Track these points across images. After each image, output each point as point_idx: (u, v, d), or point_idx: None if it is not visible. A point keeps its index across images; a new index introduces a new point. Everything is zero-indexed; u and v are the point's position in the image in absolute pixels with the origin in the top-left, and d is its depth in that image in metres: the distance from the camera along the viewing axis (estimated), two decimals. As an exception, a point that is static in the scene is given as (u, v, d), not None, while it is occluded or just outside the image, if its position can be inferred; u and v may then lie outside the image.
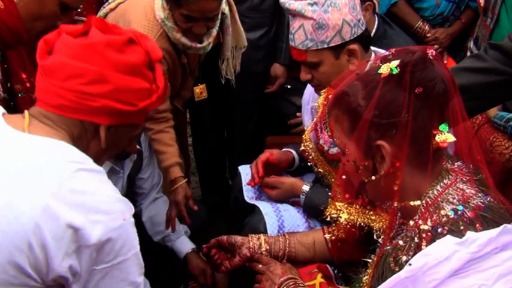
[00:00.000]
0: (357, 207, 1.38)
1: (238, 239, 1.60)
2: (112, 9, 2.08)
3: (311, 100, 1.85)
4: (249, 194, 1.89)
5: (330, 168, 1.63)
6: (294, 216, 1.75)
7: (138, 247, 1.05)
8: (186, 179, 1.99)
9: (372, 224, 1.35)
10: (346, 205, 1.40)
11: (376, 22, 2.24)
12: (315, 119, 1.65)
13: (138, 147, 1.85)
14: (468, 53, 2.24)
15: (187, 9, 1.80)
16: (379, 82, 0.98)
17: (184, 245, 2.02)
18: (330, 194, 1.50)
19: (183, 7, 1.80)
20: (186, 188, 1.97)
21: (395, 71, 0.97)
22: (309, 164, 1.78)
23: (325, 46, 1.55)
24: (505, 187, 1.53)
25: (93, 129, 1.09)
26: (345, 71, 1.18)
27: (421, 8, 2.67)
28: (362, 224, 1.38)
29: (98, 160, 1.12)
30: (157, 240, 2.04)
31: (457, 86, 0.98)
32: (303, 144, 1.73)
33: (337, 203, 1.42)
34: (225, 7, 2.04)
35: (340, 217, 1.41)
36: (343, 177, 1.09)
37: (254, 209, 1.81)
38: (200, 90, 2.21)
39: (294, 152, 1.95)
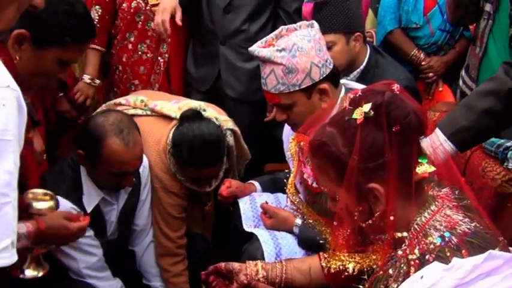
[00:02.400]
0: (358, 253, 1.39)
1: (236, 265, 1.61)
2: None
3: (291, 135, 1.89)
4: (247, 223, 1.92)
5: (319, 218, 1.66)
6: (292, 244, 1.77)
7: (15, 140, 0.89)
8: None
9: (377, 263, 1.35)
10: (348, 254, 1.41)
11: (368, 52, 2.29)
12: (293, 169, 1.69)
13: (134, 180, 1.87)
14: (460, 81, 2.29)
15: (190, 175, 1.95)
16: (357, 127, 1.01)
17: None
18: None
19: (186, 173, 1.95)
20: None
21: (370, 114, 1.00)
22: (297, 216, 1.80)
23: (297, 88, 1.61)
24: (498, 212, 1.55)
25: None
26: (314, 114, 1.21)
27: (416, 36, 2.73)
28: (369, 267, 1.39)
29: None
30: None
31: (427, 116, 1.02)
32: (288, 198, 1.77)
33: (340, 255, 1.43)
34: (230, 139, 2.10)
35: (348, 268, 1.42)
36: (335, 223, 1.10)
37: (252, 236, 1.83)
38: (208, 208, 2.29)
39: (256, 185, 2.05)
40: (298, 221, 1.77)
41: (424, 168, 1.01)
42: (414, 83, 2.33)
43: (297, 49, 1.59)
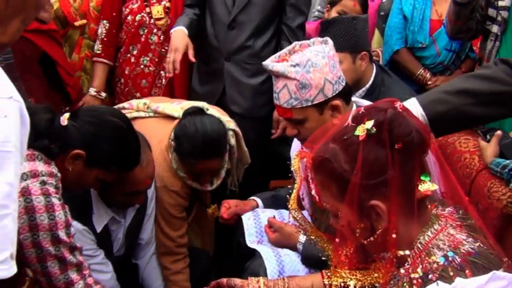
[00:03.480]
0: (360, 270, 1.37)
1: (238, 281, 1.60)
2: None
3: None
4: (250, 238, 1.91)
5: (321, 234, 1.65)
6: (295, 262, 1.75)
7: (16, 152, 0.88)
8: None
9: (378, 281, 1.34)
10: (349, 271, 1.40)
11: (374, 71, 2.30)
12: (296, 186, 1.68)
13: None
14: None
15: (191, 168, 1.96)
16: (359, 144, 1.01)
17: None
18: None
19: (188, 166, 1.96)
20: None
21: (372, 131, 1.00)
22: (300, 233, 1.78)
23: (309, 104, 1.62)
24: (503, 233, 1.53)
25: None
26: (319, 129, 1.21)
27: (422, 56, 2.75)
28: (370, 285, 1.38)
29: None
30: None
31: (430, 134, 1.02)
32: (291, 215, 1.76)
33: (341, 271, 1.42)
34: (232, 140, 2.12)
35: (349, 285, 1.41)
36: (337, 240, 1.09)
37: (255, 253, 1.82)
38: (212, 211, 2.28)
39: (258, 201, 2.04)
40: (302, 238, 1.75)
41: (426, 186, 1.00)
42: (420, 101, 2.33)
43: (311, 65, 1.59)
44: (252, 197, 2.11)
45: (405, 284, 1.00)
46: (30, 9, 0.96)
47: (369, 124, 1.01)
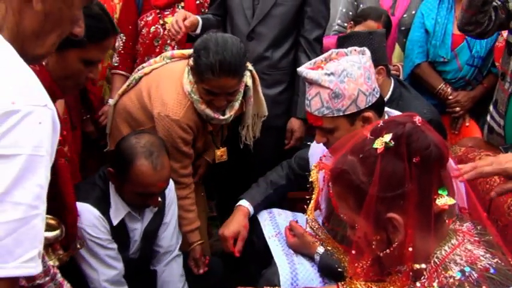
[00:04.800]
0: (375, 282, 1.37)
1: (253, 291, 1.61)
2: (146, 74, 2.21)
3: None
4: (269, 234, 1.92)
5: (338, 245, 1.64)
6: (308, 271, 1.75)
7: (47, 156, 0.89)
8: (203, 241, 2.19)
9: None
10: (364, 282, 1.39)
11: (392, 85, 2.30)
12: (314, 196, 1.67)
13: (160, 199, 1.90)
14: (488, 117, 2.26)
15: (208, 84, 1.94)
16: (377, 157, 1.01)
17: None
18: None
19: (205, 82, 1.94)
20: (201, 248, 2.18)
21: (390, 145, 1.01)
22: (316, 242, 1.78)
23: (341, 114, 1.60)
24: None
25: None
26: (344, 137, 1.21)
27: (443, 71, 2.73)
28: None
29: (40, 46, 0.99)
30: None
31: (448, 149, 1.02)
32: (308, 225, 1.76)
33: (357, 283, 1.41)
34: (248, 80, 2.15)
35: None
36: (353, 251, 1.09)
37: (267, 251, 1.83)
38: (221, 153, 2.30)
39: (249, 208, 2.02)
40: (320, 249, 1.75)
41: (444, 201, 1.00)
42: (438, 116, 2.32)
43: (346, 75, 1.58)
44: (241, 203, 2.05)
45: (421, 298, 1.00)
46: (67, 24, 1.01)
47: (387, 137, 1.01)
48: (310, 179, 1.66)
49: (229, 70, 1.90)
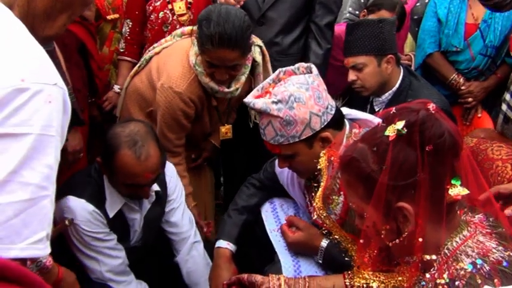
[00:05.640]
0: (383, 272, 1.34)
1: (259, 278, 1.59)
2: (157, 53, 2.21)
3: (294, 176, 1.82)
4: (270, 227, 1.88)
5: (346, 234, 1.61)
6: (312, 263, 1.73)
7: (58, 136, 0.89)
8: (196, 203, 2.26)
9: (403, 285, 1.31)
10: (372, 272, 1.37)
11: (402, 74, 2.26)
12: (322, 184, 1.62)
13: (157, 189, 1.86)
14: (504, 106, 2.20)
15: (208, 55, 1.93)
16: (389, 145, 0.98)
17: None
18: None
19: (206, 53, 1.93)
20: (198, 211, 2.26)
21: (403, 132, 0.98)
22: (323, 232, 1.73)
23: (297, 140, 1.55)
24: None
25: None
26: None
27: (456, 61, 2.68)
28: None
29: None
30: None
31: (462, 138, 0.99)
32: (316, 213, 1.71)
33: (364, 272, 1.39)
34: (257, 56, 2.12)
35: (372, 286, 1.38)
36: (361, 241, 1.07)
37: (268, 240, 1.81)
38: (226, 130, 2.29)
39: (229, 247, 1.87)
40: (324, 243, 1.71)
41: (457, 191, 0.97)
42: (448, 106, 2.28)
43: (294, 100, 1.51)
44: (219, 244, 1.88)
45: (430, 290, 0.97)
46: (78, 6, 1.00)
47: (400, 125, 0.98)
48: (319, 167, 1.63)
49: (228, 42, 1.88)
